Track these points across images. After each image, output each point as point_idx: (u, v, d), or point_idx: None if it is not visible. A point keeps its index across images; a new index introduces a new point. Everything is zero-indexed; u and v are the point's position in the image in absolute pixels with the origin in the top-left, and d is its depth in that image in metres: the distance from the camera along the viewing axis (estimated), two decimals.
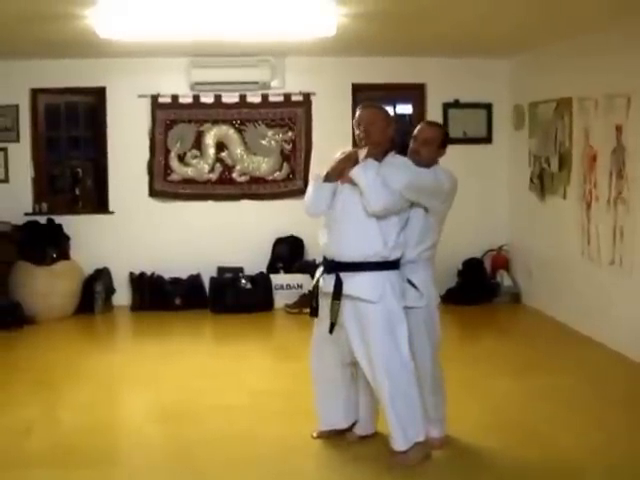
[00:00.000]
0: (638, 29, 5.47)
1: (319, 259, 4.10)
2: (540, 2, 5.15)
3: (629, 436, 4.21)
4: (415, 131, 4.03)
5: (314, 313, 3.99)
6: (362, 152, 3.83)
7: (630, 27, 5.54)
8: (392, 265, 3.81)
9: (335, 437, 4.15)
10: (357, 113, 3.93)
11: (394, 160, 3.88)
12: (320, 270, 3.96)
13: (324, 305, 3.91)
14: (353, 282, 3.78)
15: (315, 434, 4.19)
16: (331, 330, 3.84)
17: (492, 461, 3.92)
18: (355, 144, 4.01)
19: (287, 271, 7.67)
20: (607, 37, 5.90)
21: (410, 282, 3.90)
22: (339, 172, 3.84)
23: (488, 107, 8.01)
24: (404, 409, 3.76)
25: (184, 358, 5.97)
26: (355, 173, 3.77)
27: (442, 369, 4.12)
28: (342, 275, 3.79)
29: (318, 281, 3.94)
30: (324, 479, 3.81)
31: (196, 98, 7.73)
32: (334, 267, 3.83)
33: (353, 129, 3.99)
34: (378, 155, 3.84)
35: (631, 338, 5.64)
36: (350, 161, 3.84)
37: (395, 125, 3.97)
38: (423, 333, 3.95)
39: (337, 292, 3.79)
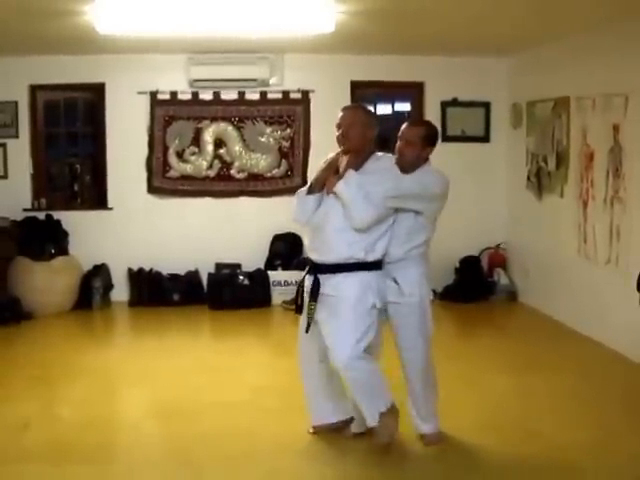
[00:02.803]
0: (635, 29, 5.49)
1: None
2: (538, 2, 5.16)
3: (627, 435, 4.22)
4: (400, 131, 4.02)
5: (299, 310, 4.06)
6: (343, 160, 3.85)
7: (627, 27, 5.55)
8: (370, 266, 3.86)
9: (331, 433, 4.18)
10: (339, 114, 3.91)
11: (377, 165, 3.88)
12: (306, 270, 4.03)
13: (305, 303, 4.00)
14: (330, 283, 3.85)
15: (311, 429, 4.23)
16: (307, 329, 3.92)
17: (488, 458, 3.94)
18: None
19: (285, 268, 7.69)
20: (605, 37, 5.91)
21: (395, 280, 3.93)
22: (322, 182, 3.90)
23: (486, 106, 8.01)
24: (363, 389, 3.86)
25: (182, 354, 5.98)
26: (339, 190, 3.80)
27: (434, 365, 4.13)
28: (321, 277, 3.86)
29: (303, 280, 4.01)
30: (320, 475, 3.83)
31: (195, 95, 7.74)
32: (314, 269, 3.91)
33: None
34: (358, 163, 3.85)
35: (627, 337, 5.65)
36: (331, 170, 3.88)
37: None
38: (414, 329, 3.97)
39: (314, 293, 3.86)
